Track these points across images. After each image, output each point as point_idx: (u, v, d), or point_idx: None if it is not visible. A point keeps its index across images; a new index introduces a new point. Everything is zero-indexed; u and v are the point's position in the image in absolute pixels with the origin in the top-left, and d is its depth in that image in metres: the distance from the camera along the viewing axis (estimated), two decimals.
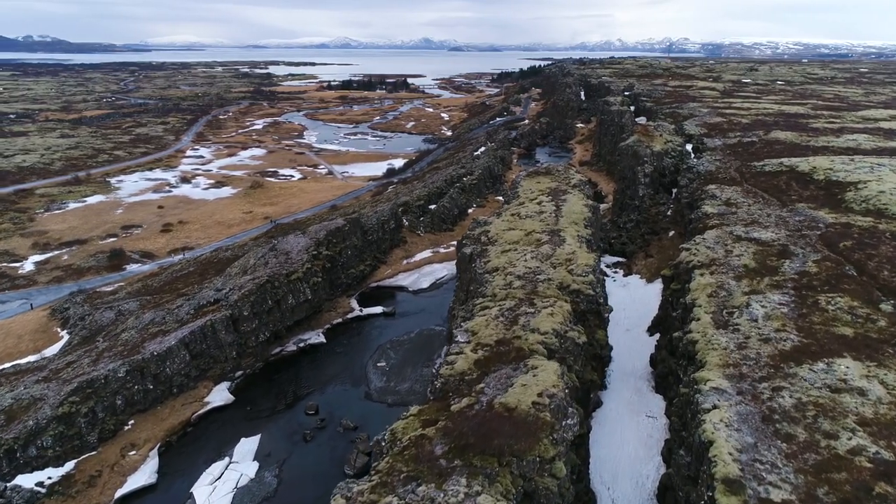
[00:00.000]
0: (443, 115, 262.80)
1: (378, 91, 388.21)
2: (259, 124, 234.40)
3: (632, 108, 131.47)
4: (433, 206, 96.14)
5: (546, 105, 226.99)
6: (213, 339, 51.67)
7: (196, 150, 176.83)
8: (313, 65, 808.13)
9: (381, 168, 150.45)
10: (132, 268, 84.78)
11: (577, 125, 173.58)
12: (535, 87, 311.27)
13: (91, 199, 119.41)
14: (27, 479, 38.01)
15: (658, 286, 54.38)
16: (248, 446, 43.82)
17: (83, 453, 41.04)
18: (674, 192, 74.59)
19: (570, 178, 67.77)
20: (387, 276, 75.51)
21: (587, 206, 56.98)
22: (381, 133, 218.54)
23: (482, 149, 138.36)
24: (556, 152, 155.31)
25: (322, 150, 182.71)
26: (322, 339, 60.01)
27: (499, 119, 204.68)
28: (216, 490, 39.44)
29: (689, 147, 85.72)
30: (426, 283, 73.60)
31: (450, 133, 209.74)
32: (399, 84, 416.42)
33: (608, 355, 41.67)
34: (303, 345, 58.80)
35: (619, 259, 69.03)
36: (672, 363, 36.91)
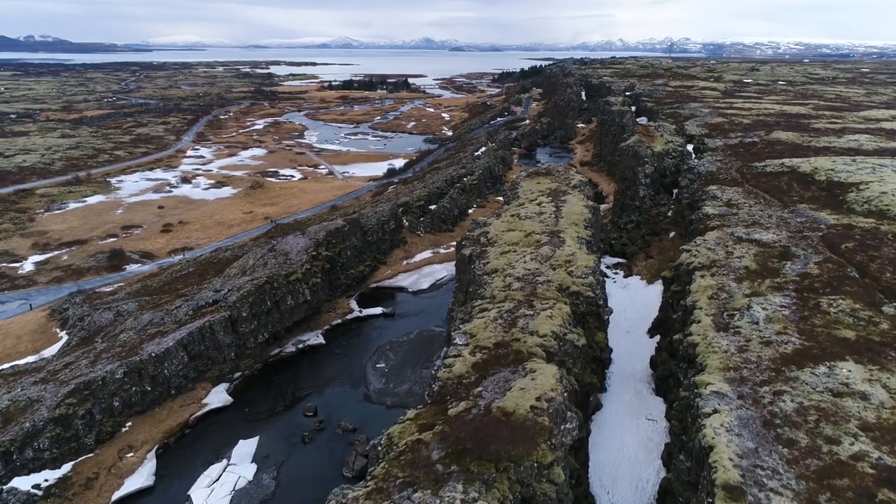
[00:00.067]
0: (443, 115, 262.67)
1: (379, 91, 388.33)
2: (260, 124, 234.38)
3: (633, 108, 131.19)
4: (433, 207, 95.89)
5: (547, 105, 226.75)
6: (211, 340, 51.48)
7: (196, 150, 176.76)
8: (314, 65, 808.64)
9: (381, 168, 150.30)
10: (132, 268, 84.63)
11: (578, 125, 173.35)
12: (536, 87, 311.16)
13: (91, 200, 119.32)
14: (23, 482, 37.83)
15: (658, 287, 54.09)
16: (246, 448, 43.64)
17: (80, 455, 40.85)
18: (674, 193, 74.30)
19: (571, 179, 67.48)
20: (386, 276, 75.29)
21: (587, 207, 56.67)
22: (381, 133, 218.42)
23: (483, 149, 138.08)
24: (556, 152, 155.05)
25: (323, 150, 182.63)
26: (321, 340, 59.80)
27: (499, 119, 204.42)
28: (214, 492, 39.29)
29: (689, 147, 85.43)
30: (426, 284, 73.40)
31: (450, 133, 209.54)
32: (400, 84, 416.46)
33: (608, 357, 41.40)
34: (302, 346, 58.59)
35: (619, 260, 68.75)
36: (672, 365, 36.64)
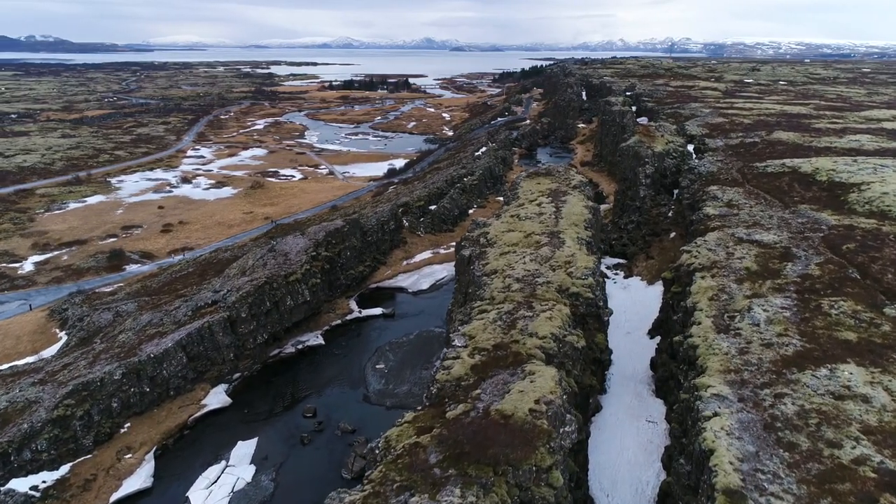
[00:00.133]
0: (444, 115, 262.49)
1: (379, 91, 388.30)
2: (260, 124, 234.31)
3: (633, 108, 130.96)
4: (433, 207, 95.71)
5: (547, 105, 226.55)
6: (210, 341, 51.33)
7: (197, 150, 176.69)
8: (315, 65, 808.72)
9: (381, 168, 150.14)
10: (132, 268, 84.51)
11: (579, 125, 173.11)
12: (536, 87, 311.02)
13: (91, 200, 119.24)
14: (21, 483, 37.71)
15: (659, 288, 53.87)
16: (245, 449, 43.50)
17: (78, 457, 40.72)
18: (675, 194, 74.09)
19: (571, 179, 67.28)
20: (386, 277, 75.12)
21: (587, 208, 56.47)
22: (382, 133, 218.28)
23: (483, 149, 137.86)
24: (557, 152, 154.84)
25: (323, 150, 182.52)
26: (321, 340, 59.64)
27: (500, 119, 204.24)
28: (212, 494, 39.16)
29: (690, 148, 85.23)
30: (426, 285, 73.21)
31: (451, 133, 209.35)
32: (401, 84, 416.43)
33: (608, 359, 41.21)
34: (301, 347, 58.44)
35: (619, 260, 68.52)
36: (673, 367, 36.45)
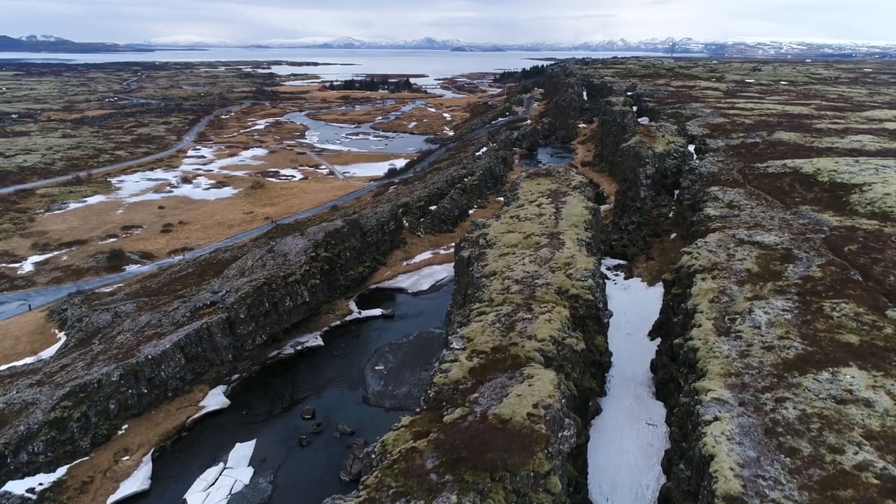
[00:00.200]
0: (445, 115, 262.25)
1: (380, 91, 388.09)
2: (261, 124, 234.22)
3: (634, 108, 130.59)
4: (434, 207, 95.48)
5: (548, 105, 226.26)
6: (208, 342, 51.14)
7: (197, 150, 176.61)
8: (316, 65, 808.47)
9: (382, 168, 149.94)
10: (131, 269, 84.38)
11: (580, 125, 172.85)
12: (537, 87, 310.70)
13: (92, 200, 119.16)
14: (18, 486, 37.51)
15: (659, 289, 53.60)
16: (243, 451, 43.31)
17: (75, 459, 40.52)
18: (676, 194, 73.79)
19: (571, 180, 66.99)
20: (386, 277, 74.89)
21: (587, 209, 56.18)
22: (382, 133, 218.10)
23: (484, 149, 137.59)
24: (558, 153, 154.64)
25: (324, 150, 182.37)
26: (320, 341, 59.44)
27: (501, 119, 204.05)
28: (210, 496, 38.99)
29: (691, 148, 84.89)
30: (426, 285, 72.99)
31: (452, 133, 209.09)
32: (401, 84, 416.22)
33: (608, 361, 40.95)
34: (300, 348, 58.26)
35: (620, 261, 68.23)
36: (673, 369, 36.19)
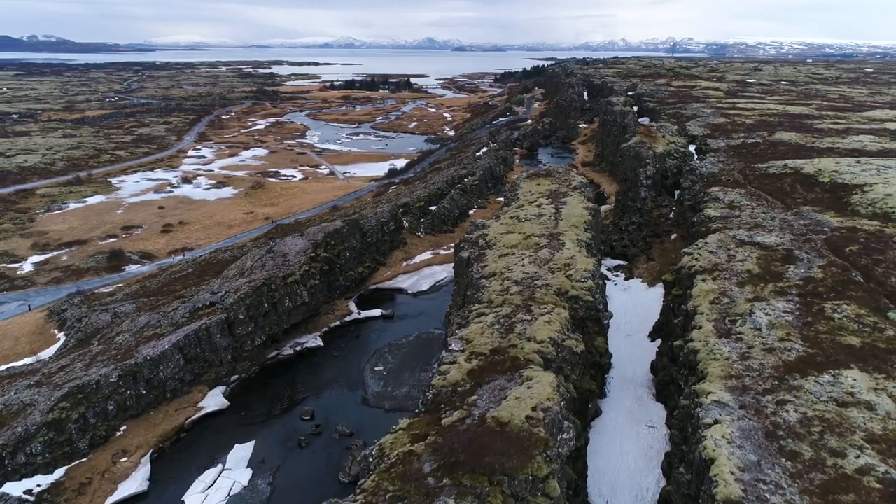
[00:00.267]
0: (445, 115, 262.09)
1: (381, 91, 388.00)
2: (261, 124, 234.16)
3: (635, 108, 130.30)
4: (434, 208, 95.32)
5: (549, 105, 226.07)
6: (207, 342, 51.01)
7: (198, 150, 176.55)
8: (316, 65, 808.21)
9: (382, 168, 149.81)
10: (131, 269, 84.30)
11: (580, 125, 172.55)
12: (538, 87, 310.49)
13: (92, 200, 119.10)
14: (15, 487, 37.41)
15: (660, 290, 53.43)
16: (241, 453, 43.19)
17: (73, 460, 40.40)
18: (676, 195, 73.58)
19: (571, 180, 66.80)
20: (386, 278, 74.73)
21: (587, 209, 56.00)
22: (383, 133, 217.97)
23: (484, 149, 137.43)
24: (558, 153, 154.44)
25: (324, 150, 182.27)
26: (319, 342, 59.30)
27: (501, 119, 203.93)
28: (208, 498, 38.88)
29: (692, 148, 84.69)
30: (426, 286, 72.82)
31: (452, 133, 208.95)
32: (402, 84, 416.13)
33: (608, 363, 40.78)
34: (300, 348, 58.12)
35: (620, 262, 68.03)
36: (673, 371, 36.00)
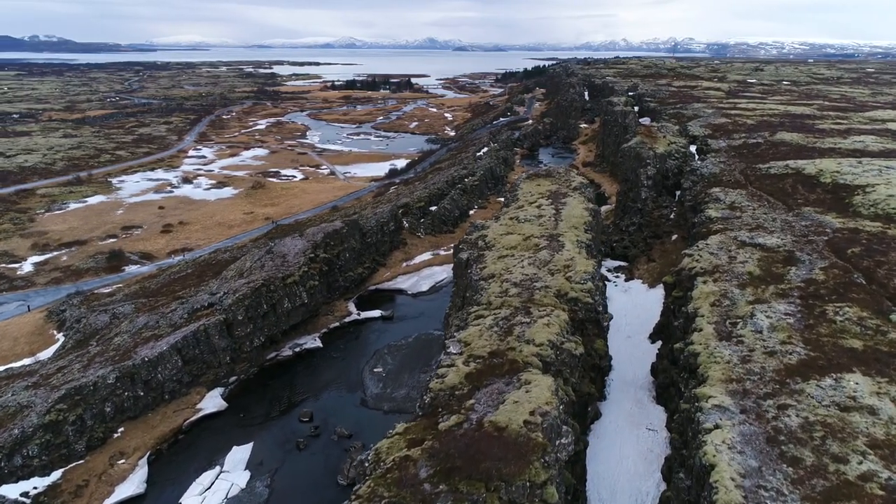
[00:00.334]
0: (446, 115, 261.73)
1: (382, 91, 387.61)
2: (262, 124, 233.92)
3: (636, 108, 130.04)
4: (434, 208, 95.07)
5: (550, 105, 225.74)
6: (206, 344, 50.82)
7: (198, 150, 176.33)
8: (317, 64, 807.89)
9: (383, 168, 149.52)
10: (131, 269, 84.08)
11: (581, 125, 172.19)
12: (539, 87, 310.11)
13: (92, 200, 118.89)
14: (11, 490, 37.26)
15: (660, 291, 53.15)
16: (239, 454, 43.00)
17: (70, 462, 40.23)
18: (677, 195, 73.33)
19: (571, 181, 66.53)
20: (386, 278, 74.51)
21: (588, 210, 55.73)
22: (384, 133, 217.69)
23: (485, 149, 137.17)
24: (559, 153, 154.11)
25: (324, 150, 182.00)
26: (318, 343, 59.10)
27: (502, 119, 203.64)
28: (206, 500, 38.72)
29: (693, 148, 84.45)
30: (426, 286, 72.59)
31: (453, 133, 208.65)
32: (403, 84, 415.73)
33: (608, 365, 40.52)
34: (299, 350, 57.93)
35: (620, 263, 67.75)
36: (674, 374, 35.74)
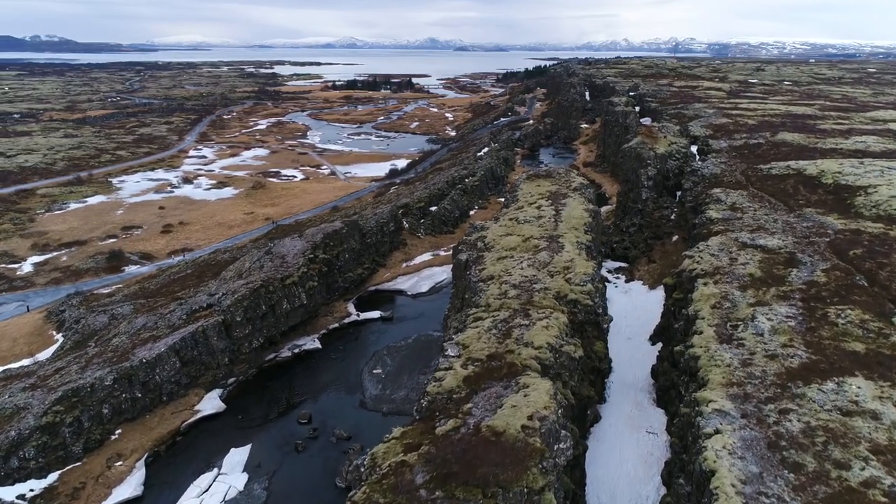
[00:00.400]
0: (447, 115, 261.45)
1: (383, 91, 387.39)
2: (263, 124, 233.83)
3: (637, 108, 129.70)
4: (434, 208, 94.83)
5: (551, 105, 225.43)
6: (204, 345, 50.61)
7: (199, 150, 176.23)
8: (318, 64, 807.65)
9: (384, 168, 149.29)
10: (131, 269, 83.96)
11: (582, 125, 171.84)
12: (540, 87, 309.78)
13: (92, 200, 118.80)
14: (8, 492, 37.07)
15: (661, 293, 52.88)
16: (237, 457, 42.77)
17: (67, 464, 40.01)
18: (678, 196, 73.01)
19: (571, 182, 66.26)
20: (385, 279, 74.28)
21: (588, 211, 55.45)
22: (384, 133, 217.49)
23: (485, 149, 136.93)
24: (560, 153, 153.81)
25: (325, 150, 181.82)
26: (317, 344, 58.88)
27: (503, 119, 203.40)
28: (203, 503, 38.44)
29: (694, 149, 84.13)
30: (425, 287, 72.35)
31: (454, 133, 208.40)
32: (404, 84, 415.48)
33: (608, 367, 40.26)
34: (297, 351, 57.70)
35: (621, 264, 67.48)
36: (674, 376, 35.47)
